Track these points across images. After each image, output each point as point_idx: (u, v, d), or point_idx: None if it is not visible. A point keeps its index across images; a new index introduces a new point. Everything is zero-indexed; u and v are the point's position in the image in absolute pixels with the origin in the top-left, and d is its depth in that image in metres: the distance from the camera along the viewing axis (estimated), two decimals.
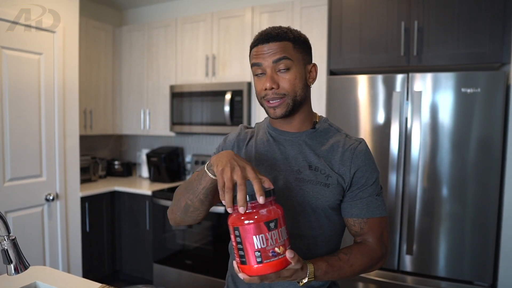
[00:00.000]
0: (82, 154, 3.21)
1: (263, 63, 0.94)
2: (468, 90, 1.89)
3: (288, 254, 0.77)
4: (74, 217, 2.74)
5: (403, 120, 2.02)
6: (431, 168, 1.99)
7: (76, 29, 2.67)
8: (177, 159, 3.54)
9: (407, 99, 2.01)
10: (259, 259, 0.75)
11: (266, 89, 0.94)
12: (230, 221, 0.79)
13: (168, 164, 3.40)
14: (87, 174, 3.32)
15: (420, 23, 2.07)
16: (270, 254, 0.75)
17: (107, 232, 3.24)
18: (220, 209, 2.67)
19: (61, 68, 2.56)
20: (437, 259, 2.01)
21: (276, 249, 0.76)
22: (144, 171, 3.68)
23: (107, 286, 1.25)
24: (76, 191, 2.74)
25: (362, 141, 1.02)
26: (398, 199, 2.05)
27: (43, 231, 2.53)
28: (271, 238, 0.75)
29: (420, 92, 1.96)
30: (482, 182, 1.91)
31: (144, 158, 3.64)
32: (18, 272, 0.91)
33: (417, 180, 2.00)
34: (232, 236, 0.78)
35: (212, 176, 0.85)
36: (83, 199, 2.93)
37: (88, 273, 2.96)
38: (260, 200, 0.75)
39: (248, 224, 0.75)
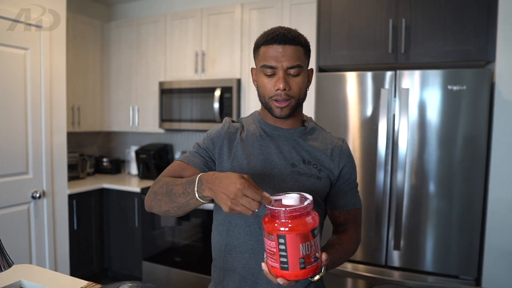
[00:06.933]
0: (70, 151, 3.17)
1: (277, 66, 0.95)
2: (454, 88, 1.92)
3: (324, 257, 0.81)
4: (62, 215, 2.70)
5: (391, 117, 2.04)
6: (418, 164, 2.01)
7: (63, 24, 2.63)
8: (166, 156, 3.52)
9: (395, 96, 2.03)
10: (302, 265, 0.76)
11: (278, 89, 0.96)
12: (272, 228, 0.77)
13: (157, 161, 3.38)
14: (75, 171, 3.29)
15: (407, 21, 2.08)
16: (312, 260, 0.77)
17: (95, 229, 3.21)
18: (209, 206, 2.67)
19: (48, 63, 2.52)
20: (424, 254, 2.04)
21: (317, 254, 0.79)
22: (133, 168, 3.66)
23: (94, 284, 1.24)
24: (63, 189, 2.71)
25: (344, 139, 1.11)
26: (385, 195, 2.07)
27: (30, 229, 2.50)
28: (314, 244, 0.77)
29: (407, 89, 1.98)
30: (468, 178, 1.94)
31: (133, 155, 3.61)
32: (1, 270, 0.89)
33: (404, 177, 2.03)
34: (272, 242, 0.77)
35: (201, 200, 0.85)
36: (71, 197, 2.90)
37: (76, 271, 2.93)
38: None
39: (297, 233, 0.75)
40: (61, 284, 1.23)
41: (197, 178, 0.85)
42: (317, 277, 0.84)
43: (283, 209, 0.75)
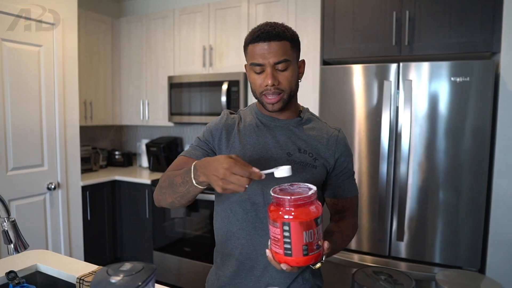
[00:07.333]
0: (83, 144, 3.27)
1: (264, 63, 0.98)
2: (458, 79, 1.92)
3: (326, 245, 0.84)
4: (75, 205, 2.81)
5: (394, 109, 2.06)
6: (422, 156, 2.03)
7: (75, 21, 2.71)
8: (176, 149, 3.59)
9: (398, 88, 2.04)
10: (305, 252, 0.80)
11: (267, 85, 0.99)
12: (277, 215, 0.80)
13: (167, 153, 3.46)
14: (88, 164, 3.39)
15: (411, 13, 2.09)
16: (315, 247, 0.81)
17: (108, 220, 3.32)
18: None
19: (60, 59, 2.61)
20: (427, 245, 2.06)
21: (319, 242, 0.82)
22: (144, 161, 3.75)
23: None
24: (77, 180, 2.81)
25: (340, 129, 1.13)
26: (389, 186, 2.10)
27: (46, 219, 2.60)
28: (317, 232, 0.81)
29: (411, 81, 2.00)
30: (472, 170, 1.95)
31: (143, 148, 3.70)
32: (18, 252, 0.97)
33: (408, 168, 2.05)
34: (277, 229, 0.80)
35: (199, 186, 0.89)
36: (84, 188, 3.00)
37: (89, 260, 3.03)
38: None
39: (301, 221, 0.78)
40: (74, 268, 1.31)
41: (193, 166, 0.90)
42: (318, 265, 0.87)
43: (288, 197, 0.79)
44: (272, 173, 0.83)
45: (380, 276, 0.77)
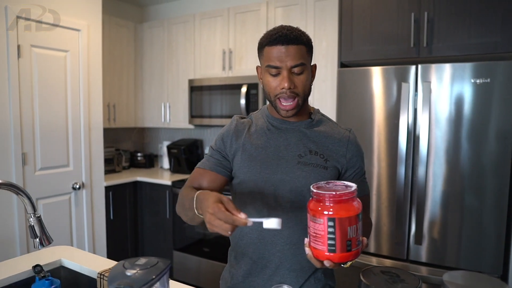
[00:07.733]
0: (106, 146, 3.38)
1: (282, 66, 0.99)
2: (478, 81, 1.89)
3: (365, 242, 0.86)
4: (99, 205, 2.91)
5: (412, 111, 2.04)
6: (442, 159, 2.00)
7: (99, 27, 2.82)
8: (196, 151, 3.66)
9: (416, 90, 2.02)
10: (348, 248, 0.79)
11: (283, 88, 1.00)
12: (321, 211, 0.79)
13: (188, 155, 3.53)
14: (111, 165, 3.50)
15: (430, 14, 2.06)
16: (357, 243, 0.81)
17: (129, 220, 3.41)
18: None
19: (85, 64, 2.72)
20: (446, 250, 2.02)
21: (360, 238, 0.83)
22: (165, 163, 3.83)
23: None
24: (100, 181, 2.91)
25: (351, 129, 1.14)
26: (407, 189, 2.08)
27: (71, 218, 2.71)
28: (359, 228, 0.81)
29: (429, 83, 1.97)
30: (494, 173, 1.91)
31: (165, 150, 3.78)
32: (43, 245, 1.03)
33: (426, 171, 2.02)
34: (320, 226, 0.79)
35: (201, 216, 0.91)
36: (107, 189, 3.10)
37: (111, 259, 3.13)
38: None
39: (346, 216, 0.78)
40: (95, 264, 1.37)
41: (195, 196, 0.93)
42: (349, 263, 0.87)
43: (333, 193, 0.78)
44: (261, 221, 0.83)
45: (387, 275, 0.78)
